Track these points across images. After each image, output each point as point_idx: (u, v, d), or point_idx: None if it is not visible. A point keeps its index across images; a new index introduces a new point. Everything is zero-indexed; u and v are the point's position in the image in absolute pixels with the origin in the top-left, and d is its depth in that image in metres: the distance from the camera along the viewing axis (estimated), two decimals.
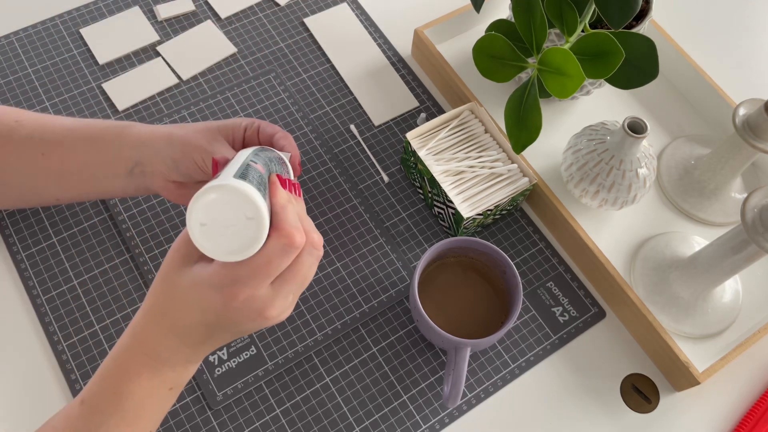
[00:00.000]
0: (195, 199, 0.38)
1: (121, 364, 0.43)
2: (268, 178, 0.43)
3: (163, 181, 0.53)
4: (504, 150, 0.64)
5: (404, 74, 0.74)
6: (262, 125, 0.54)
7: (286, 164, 0.50)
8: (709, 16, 0.83)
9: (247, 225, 0.39)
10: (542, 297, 0.63)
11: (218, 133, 0.53)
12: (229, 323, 0.42)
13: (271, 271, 0.40)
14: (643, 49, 0.54)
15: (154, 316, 0.43)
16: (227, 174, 0.40)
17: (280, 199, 0.42)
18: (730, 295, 0.63)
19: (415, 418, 0.57)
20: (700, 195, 0.67)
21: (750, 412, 0.59)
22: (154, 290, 0.43)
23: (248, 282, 0.40)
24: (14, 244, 0.61)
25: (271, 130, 0.54)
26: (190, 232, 0.39)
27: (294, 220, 0.41)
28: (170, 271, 0.42)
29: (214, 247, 0.39)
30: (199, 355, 0.45)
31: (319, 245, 0.43)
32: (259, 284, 0.40)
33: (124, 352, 0.44)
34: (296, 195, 0.45)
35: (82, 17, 0.74)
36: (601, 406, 0.59)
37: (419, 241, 0.65)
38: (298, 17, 0.77)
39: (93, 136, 0.54)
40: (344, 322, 0.60)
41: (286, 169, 0.49)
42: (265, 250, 0.40)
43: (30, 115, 0.55)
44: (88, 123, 0.55)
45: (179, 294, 0.42)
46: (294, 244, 0.40)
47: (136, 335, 0.43)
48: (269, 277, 0.41)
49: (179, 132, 0.53)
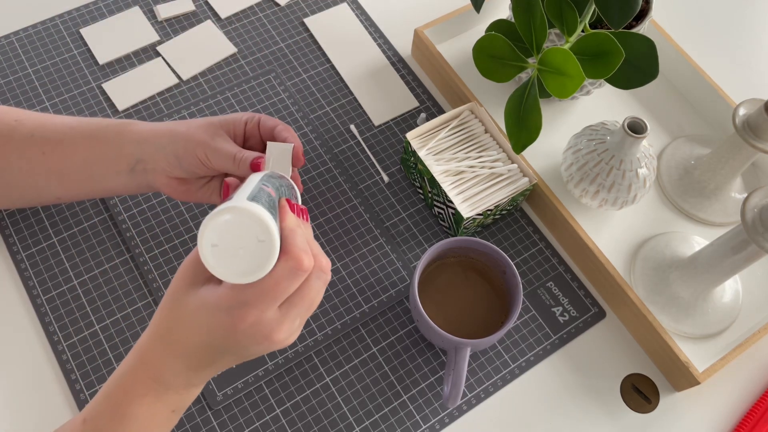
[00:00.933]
0: (207, 220, 0.39)
1: (124, 386, 0.43)
2: (278, 202, 0.43)
3: (165, 177, 0.53)
4: (504, 150, 0.64)
5: (404, 74, 0.74)
6: (263, 119, 0.54)
7: (294, 189, 0.50)
8: (709, 16, 0.83)
9: (259, 247, 0.39)
10: (542, 297, 0.63)
11: (220, 128, 0.53)
12: (236, 346, 0.42)
13: (279, 294, 0.40)
14: (643, 49, 0.54)
15: (160, 336, 0.43)
16: (240, 196, 0.40)
17: (289, 223, 0.42)
18: (730, 295, 0.63)
19: (415, 418, 0.57)
20: (700, 195, 0.67)
21: (750, 412, 0.59)
22: (161, 311, 0.43)
23: (256, 305, 0.40)
24: (14, 244, 0.61)
25: (271, 124, 0.54)
26: (201, 253, 0.39)
27: (303, 244, 0.41)
28: (178, 292, 0.42)
29: (224, 268, 0.39)
30: (202, 378, 0.45)
31: (327, 269, 0.43)
32: (267, 307, 0.40)
33: (129, 372, 0.43)
34: (304, 220, 0.45)
35: (82, 17, 0.74)
36: (601, 406, 0.59)
37: (419, 241, 0.65)
38: (298, 17, 0.77)
39: (94, 134, 0.54)
40: (344, 322, 0.60)
41: (294, 194, 0.49)
42: (274, 273, 0.40)
43: (30, 114, 0.55)
44: (88, 121, 0.55)
45: (186, 315, 0.42)
46: (302, 268, 0.40)
47: (141, 356, 0.43)
48: (277, 300, 0.41)
49: (181, 128, 0.52)
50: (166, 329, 0.43)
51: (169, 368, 0.43)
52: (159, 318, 0.43)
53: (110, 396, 0.43)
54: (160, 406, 0.44)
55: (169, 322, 0.43)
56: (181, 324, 0.42)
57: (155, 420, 0.44)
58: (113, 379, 0.44)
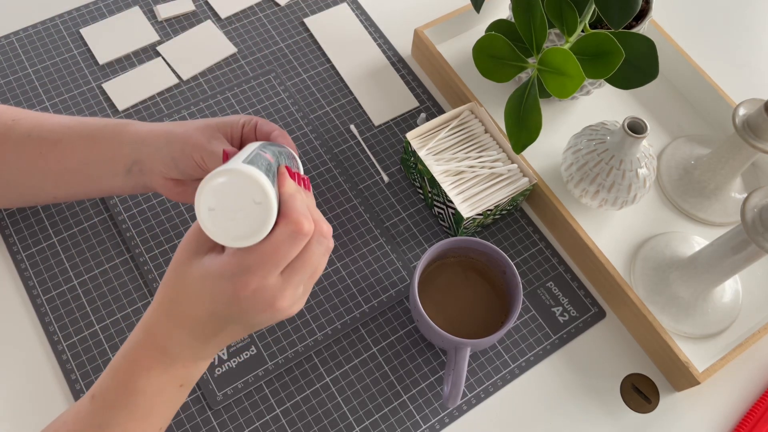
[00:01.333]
0: (203, 183, 0.38)
1: (131, 359, 0.43)
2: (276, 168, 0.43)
3: (162, 179, 0.53)
4: (504, 150, 0.64)
5: (404, 74, 0.74)
6: (260, 122, 0.54)
7: (296, 159, 0.50)
8: (709, 16, 0.83)
9: (255, 210, 0.39)
10: (542, 297, 0.63)
11: (217, 131, 0.53)
12: (240, 314, 0.42)
13: (280, 260, 0.40)
14: (643, 49, 0.54)
15: (164, 308, 0.43)
16: (236, 160, 0.40)
17: (288, 188, 0.42)
18: (730, 295, 0.63)
19: (415, 418, 0.57)
20: (700, 195, 0.67)
21: (750, 412, 0.59)
22: (165, 282, 0.43)
23: (257, 271, 0.40)
24: (14, 244, 0.61)
25: (268, 128, 0.54)
26: (199, 217, 0.39)
27: (302, 209, 0.41)
28: (180, 263, 0.42)
29: (222, 232, 0.39)
30: (209, 350, 0.45)
31: (328, 235, 0.43)
32: (268, 273, 0.40)
33: (135, 346, 0.43)
34: (305, 188, 0.45)
35: (82, 17, 0.74)
36: (601, 406, 0.59)
37: (419, 241, 0.65)
38: (298, 17, 0.77)
39: (91, 135, 0.54)
40: (344, 322, 0.60)
41: (295, 163, 0.49)
42: (273, 238, 0.40)
43: (27, 113, 0.55)
44: (86, 121, 0.55)
45: (189, 284, 0.42)
46: (302, 231, 0.40)
47: (146, 329, 0.43)
48: (278, 265, 0.40)
49: (178, 130, 0.52)
50: (170, 300, 0.43)
51: (175, 339, 0.43)
52: (163, 290, 0.43)
53: (117, 371, 0.43)
54: (168, 379, 0.44)
55: (172, 293, 0.42)
56: (184, 294, 0.42)
57: (163, 393, 0.44)
58: (120, 354, 0.44)
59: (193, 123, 0.53)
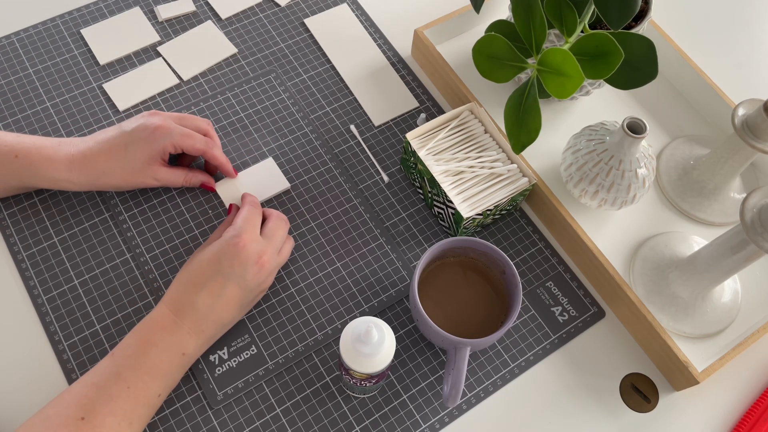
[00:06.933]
0: None
1: (151, 320, 0.53)
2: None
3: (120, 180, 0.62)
4: (504, 150, 0.64)
5: (404, 74, 0.74)
6: (185, 148, 0.61)
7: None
8: (709, 16, 0.83)
9: None
10: (542, 297, 0.63)
11: (154, 163, 0.60)
12: (238, 269, 0.54)
13: (254, 221, 0.57)
14: (642, 50, 0.54)
15: (182, 277, 0.55)
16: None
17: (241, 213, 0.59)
18: (729, 294, 0.63)
19: (415, 418, 0.57)
20: (700, 195, 0.67)
21: (749, 411, 0.59)
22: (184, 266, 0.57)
23: (246, 229, 0.56)
24: (15, 244, 0.61)
25: (199, 147, 0.62)
26: None
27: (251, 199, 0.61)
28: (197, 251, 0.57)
29: None
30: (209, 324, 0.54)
31: (283, 217, 0.60)
32: (252, 231, 0.56)
33: (156, 310, 0.54)
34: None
35: (83, 18, 0.75)
36: (601, 406, 0.59)
37: (419, 241, 0.65)
38: (299, 18, 0.77)
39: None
40: (344, 322, 0.60)
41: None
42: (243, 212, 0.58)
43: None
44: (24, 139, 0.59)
45: (202, 255, 0.55)
46: (256, 205, 0.59)
47: (166, 298, 0.54)
48: (255, 225, 0.57)
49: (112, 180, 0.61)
50: (186, 269, 0.55)
51: (186, 298, 0.53)
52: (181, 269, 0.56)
53: (138, 331, 0.53)
54: (174, 341, 0.52)
55: (189, 263, 0.55)
56: (197, 259, 0.55)
57: (168, 353, 0.52)
58: (142, 322, 0.54)
59: (130, 165, 0.60)
